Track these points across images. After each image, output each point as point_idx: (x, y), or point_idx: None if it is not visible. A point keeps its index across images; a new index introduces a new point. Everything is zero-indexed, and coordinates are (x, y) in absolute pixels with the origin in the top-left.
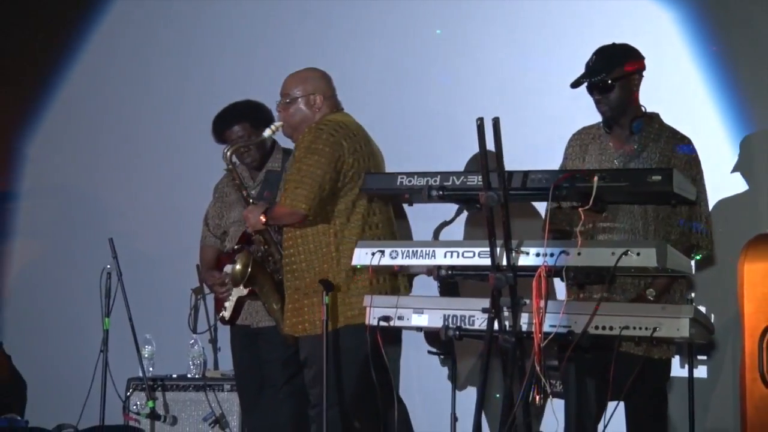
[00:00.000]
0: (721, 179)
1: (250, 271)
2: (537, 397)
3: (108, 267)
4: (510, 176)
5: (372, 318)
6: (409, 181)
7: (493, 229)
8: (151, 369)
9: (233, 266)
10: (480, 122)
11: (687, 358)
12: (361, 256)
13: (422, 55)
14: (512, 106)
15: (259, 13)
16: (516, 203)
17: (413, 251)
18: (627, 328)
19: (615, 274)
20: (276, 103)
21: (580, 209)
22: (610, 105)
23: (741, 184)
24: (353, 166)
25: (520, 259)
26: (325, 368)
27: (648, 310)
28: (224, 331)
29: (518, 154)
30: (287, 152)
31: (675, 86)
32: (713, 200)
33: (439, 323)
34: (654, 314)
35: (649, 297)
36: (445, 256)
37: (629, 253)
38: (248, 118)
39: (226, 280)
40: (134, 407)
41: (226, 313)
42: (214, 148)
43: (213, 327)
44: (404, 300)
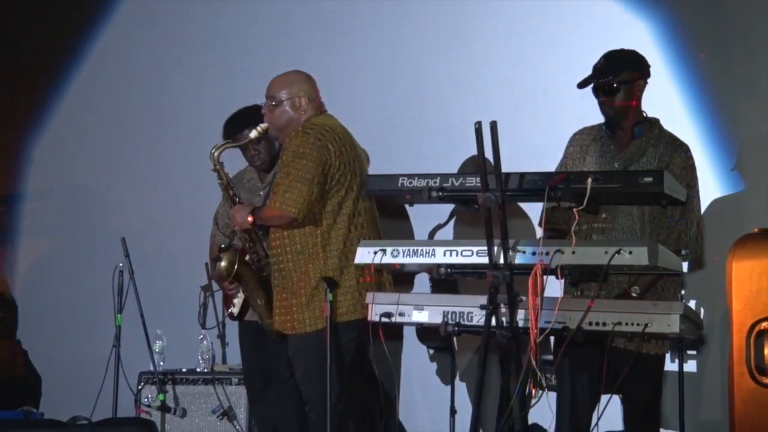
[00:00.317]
0: (707, 182)
1: (236, 268)
2: (533, 390)
3: (120, 265)
4: (507, 178)
5: (374, 315)
6: (410, 182)
7: (491, 229)
8: (161, 363)
9: (218, 263)
10: (478, 126)
11: (677, 353)
12: (364, 255)
13: (420, 61)
14: (509, 110)
15: (261, 16)
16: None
17: (414, 250)
18: (619, 324)
19: (608, 272)
20: (262, 105)
21: (575, 209)
22: (614, 108)
23: (728, 186)
24: (339, 168)
25: (517, 257)
26: (329, 364)
27: (640, 306)
28: (232, 327)
29: (515, 157)
30: None
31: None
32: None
33: (438, 319)
34: (645, 311)
35: (633, 294)
36: (445, 255)
37: (622, 251)
38: (259, 123)
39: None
40: (145, 400)
41: (235, 310)
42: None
43: (221, 323)
44: (405, 297)
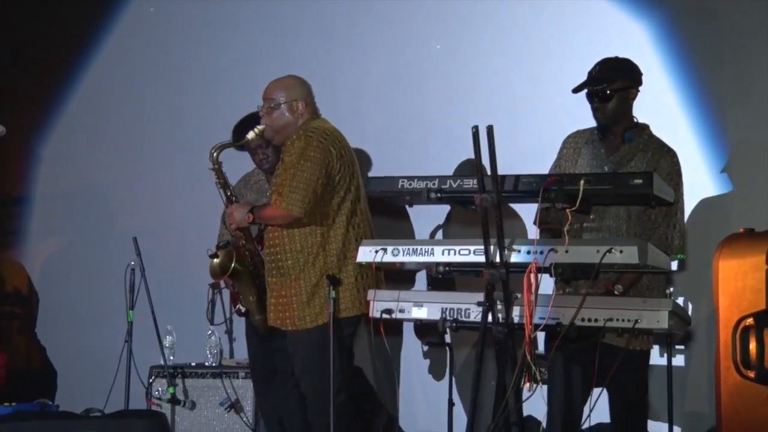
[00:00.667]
0: (695, 183)
1: (233, 266)
2: (528, 384)
3: (132, 263)
4: (503, 179)
5: (375, 311)
6: (410, 184)
7: (487, 229)
8: (171, 358)
9: (211, 261)
10: (475, 130)
11: (666, 348)
12: (365, 254)
13: (421, 67)
14: (505, 114)
15: (269, 23)
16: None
17: (413, 249)
18: (611, 320)
19: (600, 270)
20: (258, 107)
21: (567, 210)
22: (607, 114)
23: (716, 187)
24: (340, 170)
25: (512, 256)
26: (332, 358)
27: (630, 303)
28: (239, 323)
29: (510, 159)
30: None
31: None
32: (690, 202)
33: (437, 316)
34: (636, 307)
35: (616, 292)
36: (443, 254)
37: (613, 250)
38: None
39: None
40: (156, 393)
41: (242, 307)
42: (231, 151)
43: (229, 319)
44: (405, 294)
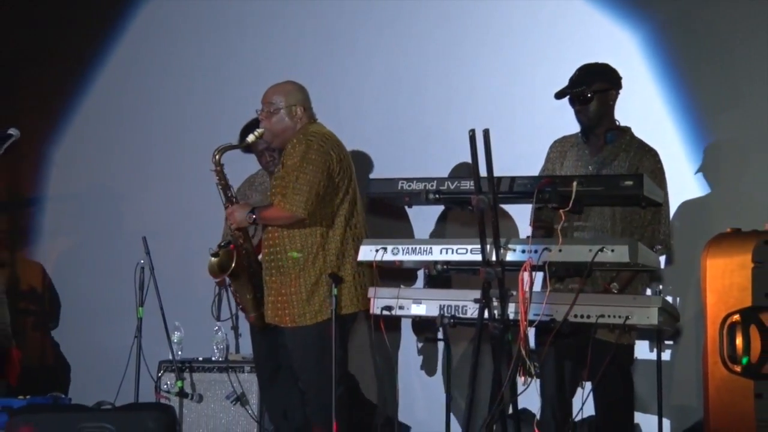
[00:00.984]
0: (682, 184)
1: (234, 265)
2: (523, 378)
3: (141, 262)
4: (498, 181)
5: (376, 308)
6: (409, 185)
7: (483, 229)
8: (179, 353)
9: (210, 259)
10: (472, 133)
11: (655, 343)
12: (367, 253)
13: (419, 73)
14: (501, 118)
15: (274, 29)
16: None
17: (412, 248)
18: (603, 316)
19: (592, 268)
20: (257, 111)
21: (561, 210)
22: (588, 115)
23: (702, 188)
24: (339, 173)
25: (508, 255)
26: (334, 353)
27: (621, 300)
28: (244, 319)
29: (506, 161)
30: None
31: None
32: (676, 203)
33: (435, 312)
34: (627, 304)
35: (613, 290)
36: (441, 253)
37: (605, 249)
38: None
39: None
40: (165, 386)
41: (238, 303)
42: (237, 154)
43: (234, 315)
44: (404, 292)
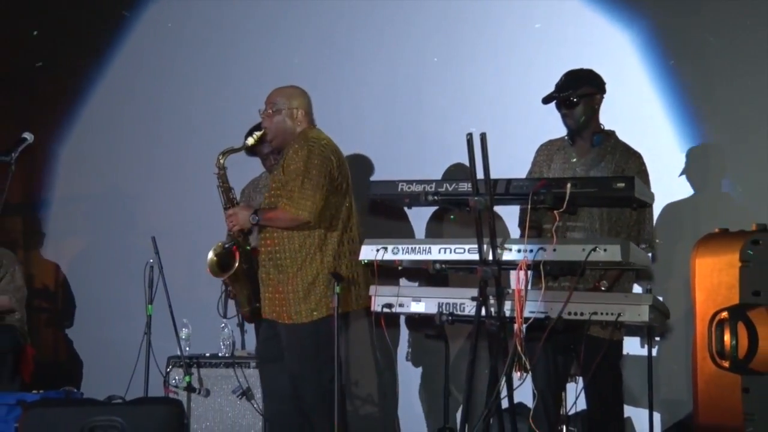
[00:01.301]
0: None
1: (237, 266)
2: (518, 373)
3: (151, 261)
4: (495, 183)
5: (376, 305)
6: (409, 187)
7: (481, 229)
8: (187, 348)
9: (211, 258)
10: (469, 137)
11: (646, 340)
12: (368, 252)
13: (419, 79)
14: (497, 122)
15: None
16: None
17: (412, 248)
18: (595, 313)
19: (585, 267)
20: (259, 111)
21: (555, 211)
22: (575, 119)
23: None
24: (338, 178)
25: (504, 254)
26: (336, 349)
27: (613, 298)
28: None
29: (502, 164)
30: None
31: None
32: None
33: (434, 310)
34: (618, 302)
35: (602, 288)
36: (440, 252)
37: (597, 249)
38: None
39: None
40: (173, 381)
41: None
42: (242, 157)
43: (240, 313)
44: (404, 290)
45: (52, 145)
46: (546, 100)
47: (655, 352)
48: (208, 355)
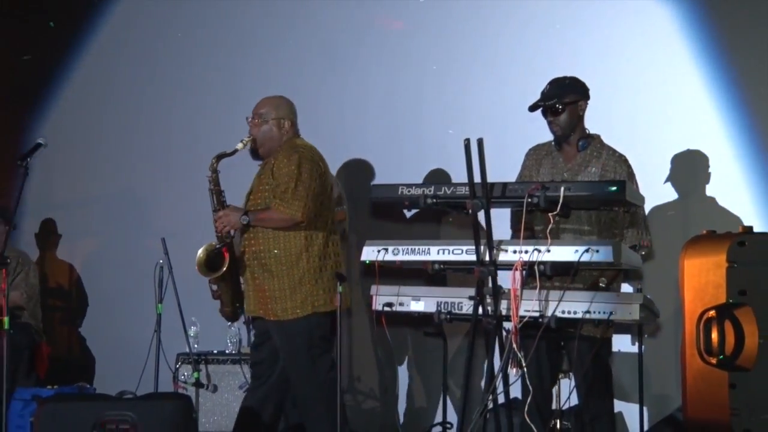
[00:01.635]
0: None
1: (227, 266)
2: (514, 369)
3: (160, 262)
4: (492, 187)
5: (377, 305)
6: (409, 191)
7: (478, 231)
8: (196, 346)
9: (198, 257)
10: (467, 142)
11: (637, 337)
12: (369, 253)
13: (419, 86)
14: (493, 128)
15: (280, 46)
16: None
17: (411, 248)
18: (588, 312)
19: (578, 267)
20: (247, 119)
21: (549, 214)
22: (561, 126)
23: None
24: (324, 182)
25: (500, 255)
26: (338, 345)
27: (605, 297)
28: None
29: (498, 168)
30: None
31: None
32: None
33: (433, 309)
34: (610, 301)
35: (601, 284)
36: (438, 253)
37: (590, 250)
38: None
39: None
40: (182, 377)
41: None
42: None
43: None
44: (404, 289)
45: (67, 151)
46: (532, 108)
47: (645, 349)
48: (215, 352)
